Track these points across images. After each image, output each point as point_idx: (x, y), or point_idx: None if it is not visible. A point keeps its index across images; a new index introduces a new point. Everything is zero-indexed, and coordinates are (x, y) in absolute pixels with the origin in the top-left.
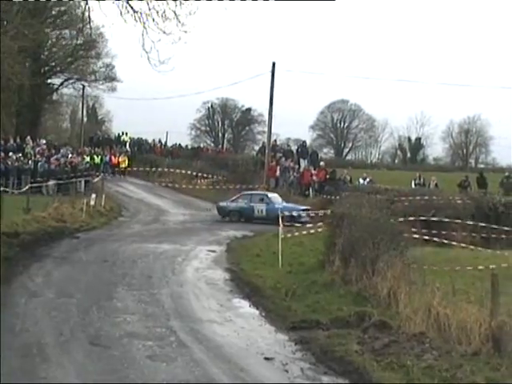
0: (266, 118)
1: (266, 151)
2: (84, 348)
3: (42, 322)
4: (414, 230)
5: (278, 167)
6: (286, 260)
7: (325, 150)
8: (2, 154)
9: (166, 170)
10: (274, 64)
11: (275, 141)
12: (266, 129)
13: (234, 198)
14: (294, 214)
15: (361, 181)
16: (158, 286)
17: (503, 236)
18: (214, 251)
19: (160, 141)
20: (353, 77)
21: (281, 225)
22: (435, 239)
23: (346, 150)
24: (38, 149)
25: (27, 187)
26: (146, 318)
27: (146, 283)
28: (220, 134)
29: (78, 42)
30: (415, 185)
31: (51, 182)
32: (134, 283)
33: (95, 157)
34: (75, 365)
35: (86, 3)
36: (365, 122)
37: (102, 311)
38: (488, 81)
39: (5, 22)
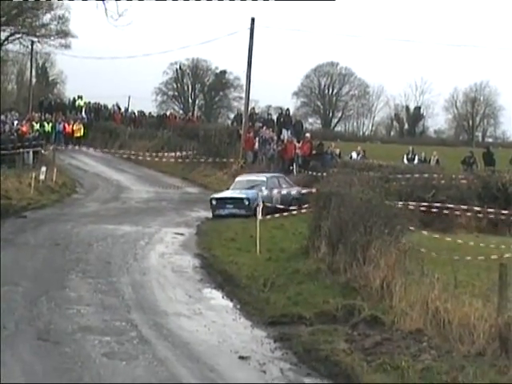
0: (244, 82)
1: (243, 120)
2: (31, 344)
3: None
4: (411, 209)
5: (257, 139)
6: (264, 245)
7: (310, 120)
8: None
9: (127, 140)
10: (253, 20)
11: (253, 108)
12: (243, 94)
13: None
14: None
15: (353, 155)
16: (117, 274)
17: None
18: (182, 234)
19: (120, 107)
20: (343, 36)
21: (260, 205)
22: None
23: (335, 120)
24: None
25: None
26: (103, 310)
27: (104, 270)
28: (190, 100)
29: None
30: (407, 160)
31: None
32: (89, 270)
33: (46, 124)
34: (20, 363)
35: None
36: (357, 88)
37: (53, 302)
38: (498, 42)
39: None
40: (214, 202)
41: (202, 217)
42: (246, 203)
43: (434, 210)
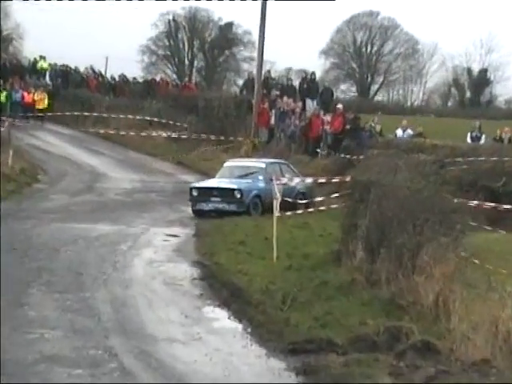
0: (256, 37)
1: (256, 87)
2: None
3: None
4: (474, 205)
5: (273, 111)
6: (283, 250)
7: (343, 87)
8: None
9: (104, 113)
10: None
11: (269, 71)
12: (255, 54)
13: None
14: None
15: (398, 133)
16: (92, 288)
17: None
18: (176, 236)
19: (95, 70)
20: None
21: (278, 198)
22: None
23: (375, 87)
24: None
25: None
26: (73, 334)
27: (74, 283)
28: (186, 61)
29: None
30: (472, 139)
31: None
32: (54, 282)
33: None
34: None
35: None
36: (403, 45)
37: (7, 323)
38: None
39: None
40: (194, 193)
41: None
42: (238, 196)
43: (505, 202)
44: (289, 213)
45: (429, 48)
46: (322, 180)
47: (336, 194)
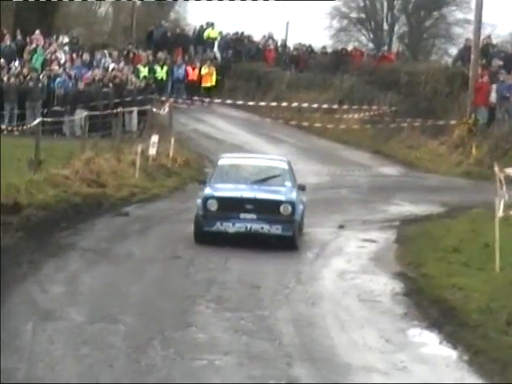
0: None
1: (472, 56)
2: None
3: (62, 365)
4: None
5: (494, 86)
6: (509, 259)
7: None
8: None
9: (285, 92)
10: None
11: (489, 37)
12: (471, 16)
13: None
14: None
15: None
16: (271, 304)
17: None
18: (373, 241)
19: (274, 39)
20: None
21: (501, 191)
22: None
23: None
24: (53, 52)
25: (36, 123)
26: (248, 361)
27: (249, 298)
28: (385, 26)
29: None
30: None
31: (79, 115)
32: (226, 298)
33: (158, 68)
34: None
35: None
36: None
37: (171, 348)
38: None
39: None
40: (211, 207)
41: (405, 213)
42: (288, 212)
43: None
44: None
45: None
46: None
47: None
